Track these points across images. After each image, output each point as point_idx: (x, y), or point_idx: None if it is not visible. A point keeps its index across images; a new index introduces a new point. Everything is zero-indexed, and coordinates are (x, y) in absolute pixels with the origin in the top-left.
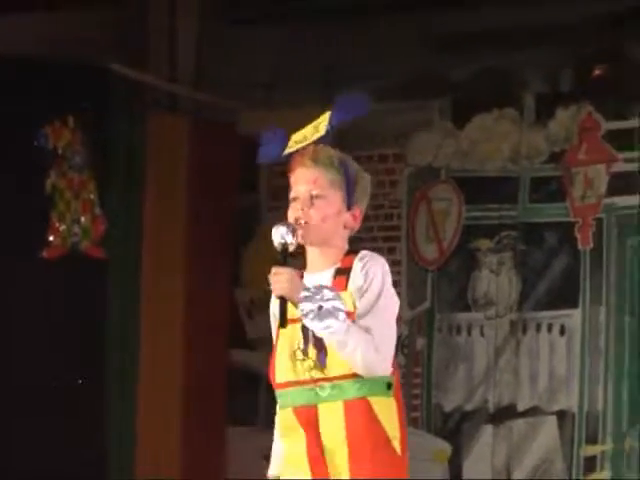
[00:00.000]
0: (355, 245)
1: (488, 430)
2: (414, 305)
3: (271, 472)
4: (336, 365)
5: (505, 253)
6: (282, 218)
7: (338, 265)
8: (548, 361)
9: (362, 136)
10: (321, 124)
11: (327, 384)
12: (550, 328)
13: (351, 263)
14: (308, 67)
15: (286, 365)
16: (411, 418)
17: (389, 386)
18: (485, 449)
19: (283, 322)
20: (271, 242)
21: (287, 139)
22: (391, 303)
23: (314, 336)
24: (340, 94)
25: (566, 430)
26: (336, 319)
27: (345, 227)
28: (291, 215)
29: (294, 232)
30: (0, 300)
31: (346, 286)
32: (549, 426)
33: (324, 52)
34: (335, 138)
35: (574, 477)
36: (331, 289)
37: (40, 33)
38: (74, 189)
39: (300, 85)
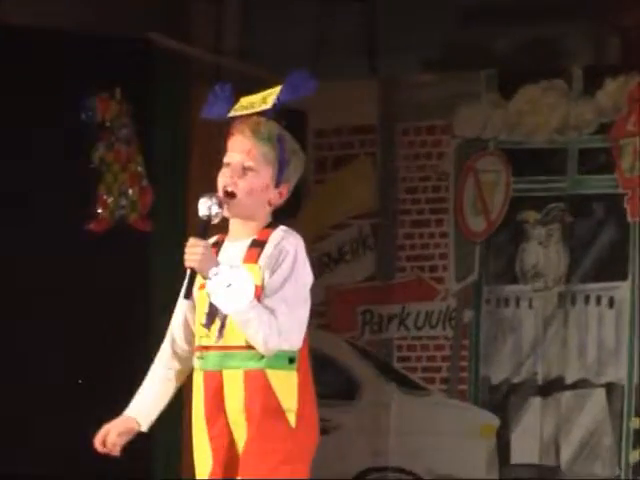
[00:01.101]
0: (402, 217)
1: (536, 403)
2: (462, 278)
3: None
4: (239, 335)
5: (553, 225)
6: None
7: (255, 237)
8: (596, 333)
9: (410, 107)
10: (270, 96)
11: (230, 352)
12: (599, 300)
13: (267, 236)
14: (352, 38)
15: (198, 330)
16: (459, 391)
17: (291, 360)
18: (533, 422)
19: (187, 293)
20: (321, 216)
21: (233, 99)
22: (301, 283)
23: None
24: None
25: (615, 403)
26: (241, 299)
27: (270, 204)
28: (220, 181)
29: (220, 204)
30: (49, 273)
31: (257, 259)
32: (598, 398)
33: (368, 23)
34: (383, 109)
35: (623, 450)
36: (242, 269)
37: (86, 6)
38: (122, 161)
39: (345, 56)
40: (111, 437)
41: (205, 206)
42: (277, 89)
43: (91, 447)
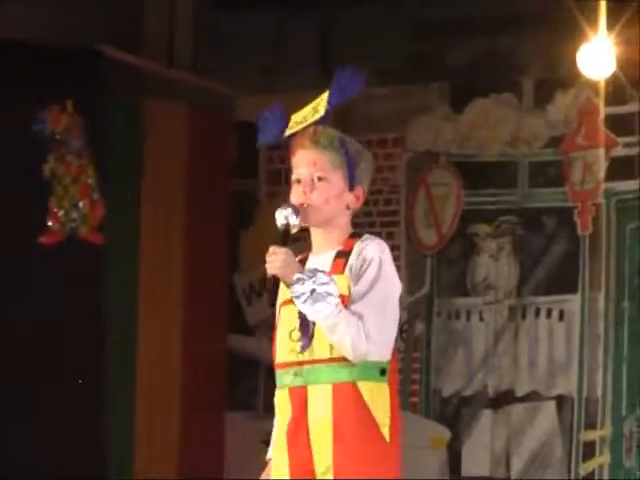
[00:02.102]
0: (354, 229)
1: (487, 415)
2: (413, 290)
3: (269, 456)
4: (326, 348)
5: (504, 238)
6: (280, 203)
7: (339, 247)
8: (547, 346)
9: (361, 120)
10: (320, 104)
11: (316, 366)
12: (549, 313)
13: (352, 246)
14: (304, 51)
15: (283, 346)
16: (410, 403)
17: (382, 372)
18: (484, 434)
19: (274, 302)
20: (270, 227)
21: (286, 119)
22: (388, 289)
23: (304, 318)
24: (337, 71)
25: (565, 415)
26: (327, 303)
27: (348, 208)
28: (294, 199)
29: (297, 214)
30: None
31: (344, 269)
32: (548, 411)
33: (320, 36)
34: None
35: (573, 462)
36: (325, 273)
37: (37, 17)
38: (73, 174)
39: (297, 69)
40: None
41: (282, 215)
42: (325, 95)
43: (45, 449)
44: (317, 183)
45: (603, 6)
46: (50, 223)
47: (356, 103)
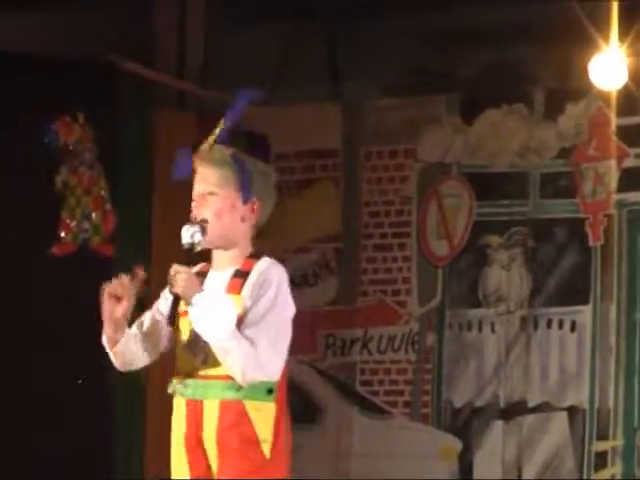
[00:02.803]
0: (365, 241)
1: (498, 426)
2: (424, 301)
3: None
4: (219, 365)
5: (515, 249)
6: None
7: (238, 267)
8: (559, 357)
9: (372, 132)
10: (219, 127)
11: (209, 381)
12: (561, 324)
13: (250, 267)
14: (314, 63)
15: (180, 357)
16: (421, 414)
17: (270, 391)
18: (495, 445)
19: (171, 320)
20: (277, 238)
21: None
22: (283, 314)
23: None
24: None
25: (577, 426)
26: (222, 328)
27: (243, 220)
28: (192, 215)
29: (204, 231)
30: (11, 296)
31: (240, 289)
32: (559, 422)
33: (330, 48)
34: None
35: (585, 473)
36: (225, 297)
37: (49, 30)
38: (85, 185)
39: (306, 81)
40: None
41: (188, 234)
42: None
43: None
44: (208, 197)
45: (615, 17)
46: (62, 234)
47: (368, 114)
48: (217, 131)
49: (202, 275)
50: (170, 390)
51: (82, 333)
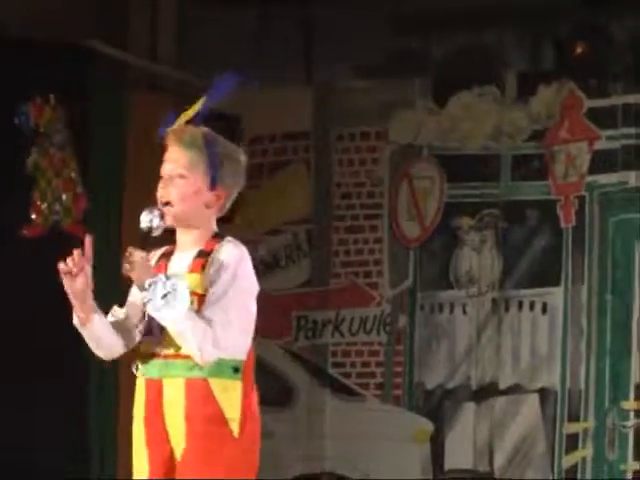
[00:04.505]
0: (337, 222)
1: (470, 408)
2: (396, 283)
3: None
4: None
5: (487, 231)
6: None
7: (201, 247)
8: (530, 339)
9: (344, 114)
10: (197, 104)
11: (170, 361)
12: (532, 306)
13: (213, 247)
14: (287, 46)
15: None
16: (393, 396)
17: (236, 370)
18: (467, 427)
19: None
20: (251, 220)
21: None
22: (244, 292)
23: None
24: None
25: (548, 408)
26: (175, 310)
27: (207, 207)
28: (158, 194)
29: (162, 216)
30: None
31: (202, 268)
32: (531, 404)
33: (303, 32)
34: (317, 115)
35: (556, 454)
36: (178, 279)
37: (21, 11)
38: (56, 167)
39: (280, 64)
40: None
41: (147, 218)
42: (204, 97)
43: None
44: (176, 180)
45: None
46: (33, 216)
47: (339, 96)
48: (192, 111)
49: (167, 256)
50: (134, 370)
51: (55, 315)
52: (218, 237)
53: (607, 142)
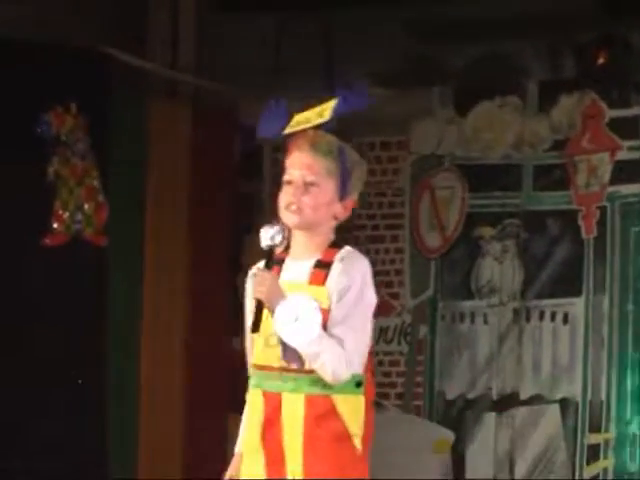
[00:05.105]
0: (358, 232)
1: (491, 418)
2: (417, 293)
3: (237, 449)
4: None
5: (508, 241)
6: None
7: (319, 257)
8: (551, 349)
9: (365, 123)
10: (326, 110)
11: (291, 375)
12: (553, 316)
13: (332, 257)
14: (308, 54)
15: (261, 348)
16: (414, 406)
17: (358, 384)
18: (488, 437)
19: (256, 327)
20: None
21: (287, 117)
22: (368, 309)
23: None
24: (343, 84)
25: (569, 418)
26: (309, 334)
27: (335, 218)
28: (283, 199)
29: (283, 232)
30: (3, 288)
31: (324, 281)
32: (552, 414)
33: (323, 39)
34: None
35: (577, 465)
36: (310, 300)
37: (41, 18)
38: (77, 176)
39: (300, 72)
40: None
41: (267, 236)
42: (332, 102)
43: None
44: (309, 187)
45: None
46: (55, 225)
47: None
48: (317, 117)
49: (279, 264)
50: (253, 382)
51: (76, 323)
52: (335, 246)
53: (629, 152)
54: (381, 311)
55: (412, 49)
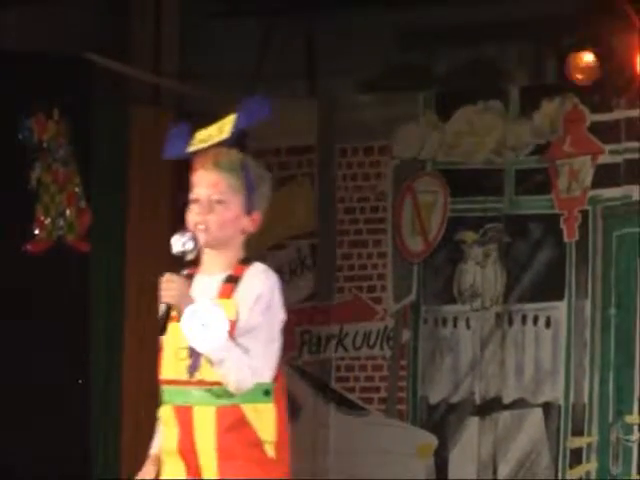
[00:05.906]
0: (340, 237)
1: (474, 422)
2: (400, 297)
3: (152, 451)
4: (211, 371)
5: (490, 245)
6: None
7: (230, 272)
8: (534, 353)
9: (348, 128)
10: (226, 126)
11: (201, 388)
12: (536, 320)
13: (242, 272)
14: (292, 59)
15: (169, 362)
16: (397, 411)
17: (266, 392)
18: (471, 441)
19: (162, 329)
20: (255, 232)
21: (191, 136)
22: (275, 320)
23: None
24: (254, 96)
25: (552, 422)
26: (215, 340)
27: (243, 232)
28: (190, 219)
29: (195, 240)
30: None
31: (231, 294)
32: (535, 418)
33: (307, 44)
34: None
35: (560, 469)
36: (216, 306)
37: (24, 26)
38: (59, 182)
39: (283, 77)
40: None
41: (179, 243)
42: (232, 117)
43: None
44: (215, 206)
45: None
46: (37, 231)
47: (343, 111)
48: (219, 133)
49: (189, 278)
50: (163, 398)
51: (59, 329)
52: (246, 261)
53: (610, 156)
54: (364, 316)
55: (395, 54)
